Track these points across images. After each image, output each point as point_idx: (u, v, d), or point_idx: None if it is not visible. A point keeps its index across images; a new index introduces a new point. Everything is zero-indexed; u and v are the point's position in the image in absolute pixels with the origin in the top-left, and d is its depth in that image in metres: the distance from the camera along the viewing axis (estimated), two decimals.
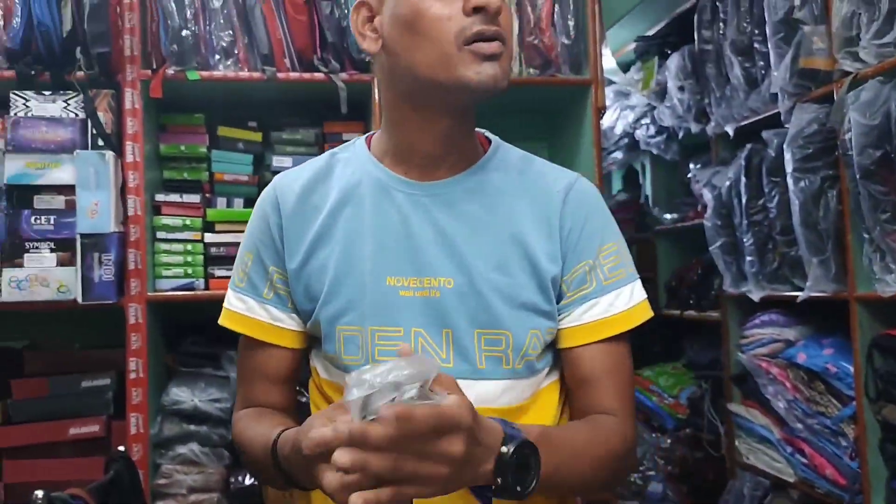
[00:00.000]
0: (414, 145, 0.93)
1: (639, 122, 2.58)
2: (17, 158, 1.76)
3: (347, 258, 0.93)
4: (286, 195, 0.96)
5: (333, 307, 0.92)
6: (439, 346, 0.90)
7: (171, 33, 1.83)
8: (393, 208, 0.93)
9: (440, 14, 0.85)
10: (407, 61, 0.87)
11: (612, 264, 0.95)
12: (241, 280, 0.99)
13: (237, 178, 1.95)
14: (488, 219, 0.93)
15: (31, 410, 1.79)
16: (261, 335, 0.97)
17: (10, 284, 1.72)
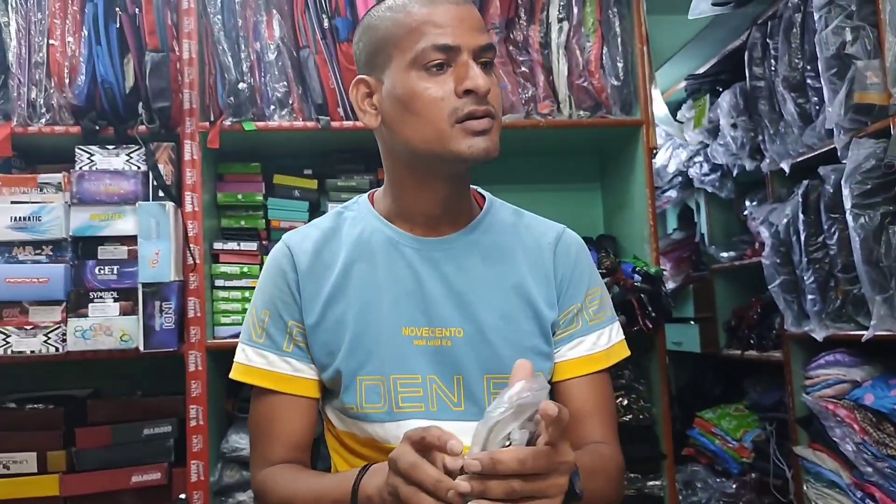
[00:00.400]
0: (416, 207, 1.01)
1: (692, 160, 2.55)
2: (82, 211, 1.81)
3: (365, 312, 0.98)
4: (299, 253, 1.01)
5: (355, 359, 0.97)
6: (451, 392, 0.97)
7: (228, 86, 1.88)
8: (403, 262, 1.00)
9: (434, 96, 0.92)
10: (404, 136, 0.95)
11: (595, 307, 1.06)
12: (260, 336, 1.02)
13: (293, 225, 1.97)
14: (491, 271, 1.01)
15: (95, 459, 1.81)
16: (285, 388, 1.00)
17: (76, 334, 1.76)
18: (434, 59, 0.91)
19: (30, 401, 1.90)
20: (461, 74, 0.91)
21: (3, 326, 1.75)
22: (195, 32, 1.88)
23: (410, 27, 0.92)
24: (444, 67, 0.92)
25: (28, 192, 1.83)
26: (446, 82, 0.92)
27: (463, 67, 0.91)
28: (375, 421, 0.96)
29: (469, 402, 0.97)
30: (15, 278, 1.76)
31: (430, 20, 0.92)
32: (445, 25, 0.91)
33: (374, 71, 0.97)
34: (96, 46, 1.84)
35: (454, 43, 0.91)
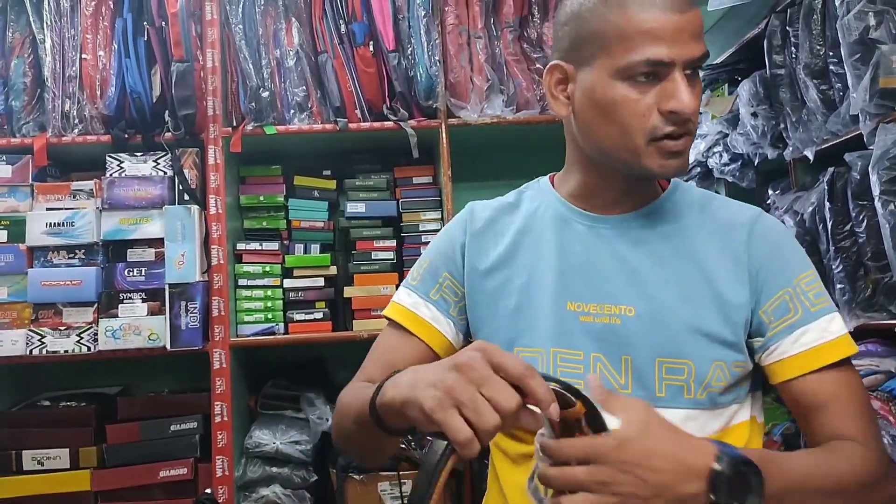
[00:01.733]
0: (595, 190, 0.98)
1: (711, 150, 2.52)
2: (112, 216, 1.89)
3: (529, 283, 0.97)
4: (475, 219, 1.04)
5: (514, 328, 0.96)
6: (618, 372, 0.91)
7: (250, 92, 1.94)
8: (574, 237, 0.97)
9: (636, 110, 0.87)
10: (596, 138, 0.92)
11: (815, 291, 0.92)
12: (415, 279, 1.05)
13: (313, 225, 2.02)
14: (670, 250, 0.94)
15: (124, 454, 1.86)
16: (415, 328, 1.01)
17: (106, 334, 1.83)
18: (644, 73, 0.86)
19: (63, 399, 1.97)
20: (668, 91, 0.86)
21: (38, 327, 1.83)
22: (218, 42, 1.95)
23: (625, 33, 0.85)
24: (653, 79, 0.86)
25: (62, 198, 1.91)
26: (650, 96, 0.86)
27: (671, 84, 0.86)
28: None
29: (637, 385, 0.90)
30: (50, 281, 1.84)
31: (647, 30, 0.85)
32: (663, 37, 0.84)
33: (574, 61, 0.92)
34: (125, 59, 1.92)
35: (669, 58, 0.85)
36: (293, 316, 1.94)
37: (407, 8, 1.96)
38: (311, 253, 2.00)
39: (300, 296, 1.95)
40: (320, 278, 1.96)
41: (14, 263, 1.86)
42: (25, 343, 1.82)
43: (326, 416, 1.87)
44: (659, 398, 0.89)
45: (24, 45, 1.97)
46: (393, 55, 1.95)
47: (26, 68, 1.96)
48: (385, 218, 2.01)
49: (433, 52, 1.94)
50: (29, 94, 1.95)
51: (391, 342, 1.02)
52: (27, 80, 1.95)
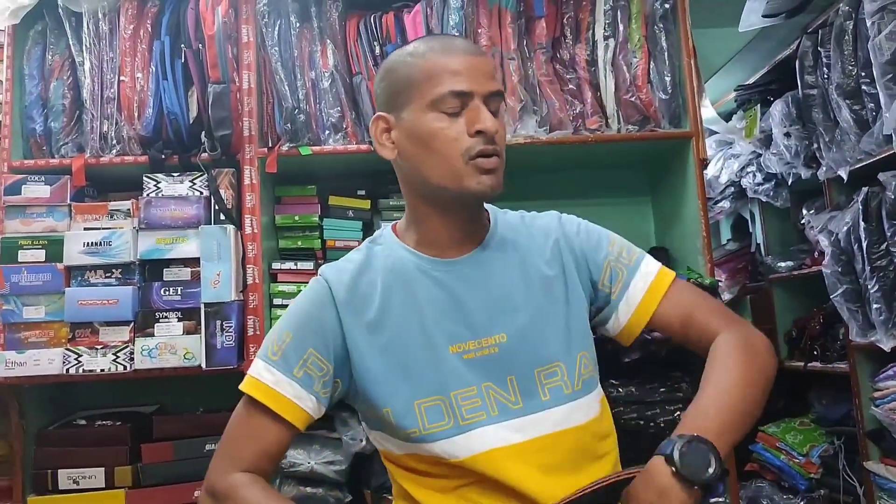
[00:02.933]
0: (436, 234, 1.08)
1: (744, 170, 2.52)
2: (149, 235, 1.90)
3: (407, 339, 1.04)
4: (337, 289, 1.06)
5: (410, 386, 1.02)
6: (507, 392, 1.03)
7: (285, 113, 1.96)
8: (436, 286, 1.06)
9: (449, 135, 1.00)
10: (422, 171, 1.03)
11: (625, 250, 1.13)
12: (275, 354, 1.05)
13: (348, 244, 2.03)
14: (515, 273, 1.08)
15: (158, 474, 1.86)
16: (279, 408, 1.02)
17: (142, 353, 1.84)
18: (450, 103, 1.00)
19: (99, 418, 1.98)
20: (473, 117, 1.00)
21: (75, 346, 1.84)
22: (254, 64, 1.98)
23: (430, 73, 1.01)
24: (459, 111, 1.01)
25: (100, 218, 1.92)
26: (460, 124, 1.00)
27: (474, 111, 1.00)
28: (442, 438, 1.00)
29: (525, 398, 1.02)
30: (87, 300, 1.85)
31: (447, 68, 1.01)
32: (461, 73, 1.00)
33: (394, 109, 1.05)
34: (163, 81, 1.95)
35: (468, 89, 1.00)
36: None
37: (441, 30, 1.98)
38: None
39: None
40: None
41: (51, 282, 1.87)
42: (62, 362, 1.83)
43: (360, 436, 1.86)
44: (545, 402, 1.02)
45: (63, 67, 2.00)
46: None
47: (65, 90, 1.98)
48: None
49: None
50: (68, 116, 1.98)
51: (256, 424, 1.04)
52: (66, 101, 1.98)
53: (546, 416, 1.02)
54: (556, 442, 1.01)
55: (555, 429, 1.01)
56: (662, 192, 2.23)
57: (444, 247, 1.07)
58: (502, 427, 1.00)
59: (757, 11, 2.16)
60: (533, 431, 1.01)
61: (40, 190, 1.92)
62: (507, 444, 1.00)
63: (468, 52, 1.04)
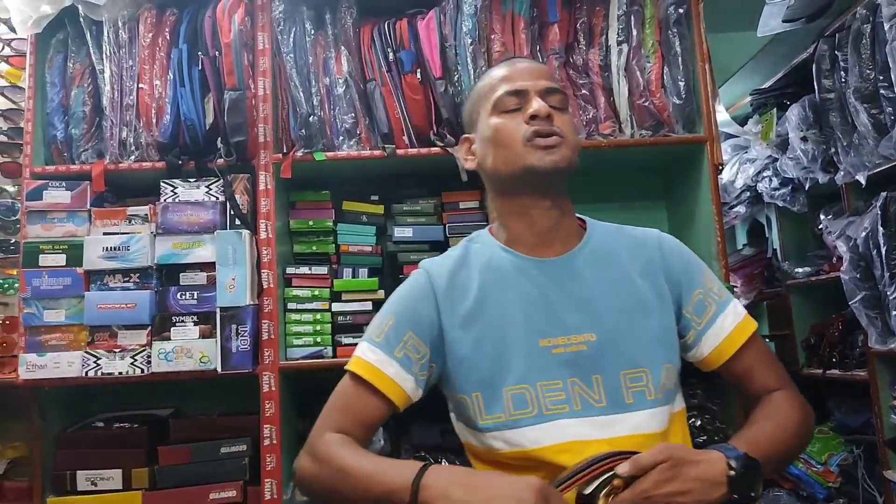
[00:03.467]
0: (524, 233, 1.17)
1: (760, 174, 2.50)
2: (166, 240, 1.92)
3: (501, 330, 1.11)
4: (437, 279, 1.17)
5: (498, 373, 1.10)
6: (592, 391, 1.09)
7: (300, 119, 1.98)
8: (530, 283, 1.14)
9: (509, 127, 1.14)
10: (492, 166, 1.17)
11: (718, 286, 1.19)
12: (379, 336, 1.15)
13: (361, 250, 2.04)
14: (608, 279, 1.14)
15: (175, 476, 1.88)
16: (380, 385, 1.12)
17: (159, 356, 1.86)
18: (508, 103, 1.15)
19: (116, 420, 2.00)
20: (528, 108, 1.14)
21: (94, 349, 1.87)
22: (269, 71, 2.00)
23: (491, 85, 1.19)
24: (518, 108, 1.15)
25: (118, 223, 1.95)
26: (519, 118, 1.14)
27: (529, 103, 1.14)
28: (525, 426, 1.08)
29: (609, 398, 1.09)
30: (106, 304, 1.88)
31: (504, 76, 1.18)
32: (514, 76, 1.17)
33: (472, 128, 1.23)
34: (180, 88, 1.97)
35: (522, 87, 1.15)
36: (341, 339, 1.95)
37: (454, 36, 1.99)
38: (360, 277, 2.01)
39: (348, 319, 1.97)
40: (368, 302, 1.98)
41: (72, 287, 1.90)
42: (82, 365, 1.85)
43: (378, 437, 1.87)
44: (628, 405, 1.08)
45: (84, 75, 2.04)
46: (440, 82, 1.97)
47: (86, 97, 2.02)
48: (432, 242, 2.03)
49: (480, 78, 1.96)
50: (88, 123, 2.01)
51: (357, 397, 1.13)
52: (87, 108, 2.01)
53: (627, 418, 1.07)
54: (633, 445, 1.04)
55: (633, 431, 1.06)
56: (677, 197, 2.22)
57: (534, 245, 1.17)
58: (583, 422, 1.07)
59: (777, 16, 2.14)
60: (612, 431, 1.07)
61: (61, 195, 1.95)
62: (586, 438, 1.06)
63: (522, 61, 1.21)
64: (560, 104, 1.16)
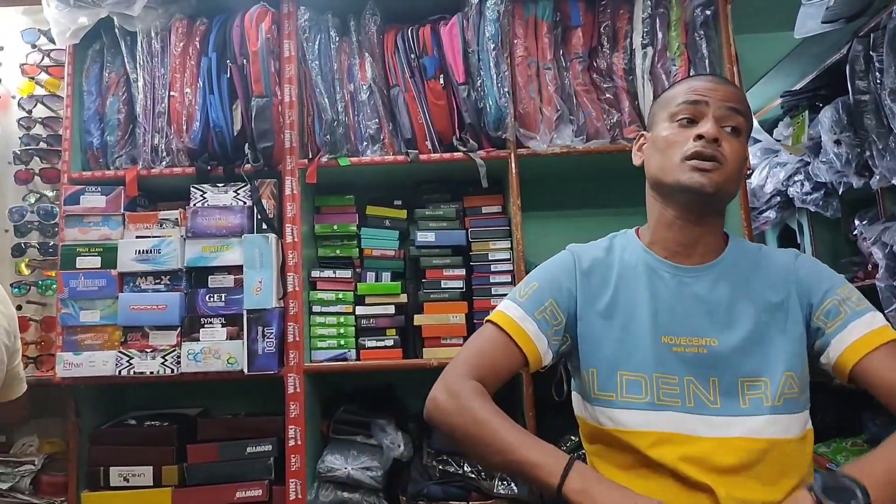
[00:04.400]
0: (669, 240, 1.24)
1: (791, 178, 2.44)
2: (195, 243, 1.97)
3: (630, 320, 1.19)
4: (581, 261, 1.27)
5: (619, 356, 1.18)
6: (707, 391, 1.13)
7: (325, 125, 2.01)
8: (662, 284, 1.21)
9: (677, 139, 1.20)
10: (652, 169, 1.25)
11: (856, 296, 1.17)
12: (522, 296, 1.24)
13: (384, 254, 2.06)
14: (738, 292, 1.19)
15: (203, 474, 1.93)
16: (518, 339, 1.19)
17: (188, 356, 1.91)
18: (684, 112, 1.20)
19: (147, 418, 2.06)
20: (699, 126, 1.18)
21: (127, 349, 1.93)
22: (295, 78, 2.03)
23: (675, 93, 1.24)
24: (692, 123, 1.19)
25: (150, 227, 2.01)
26: (689, 132, 1.18)
27: (703, 120, 1.18)
28: (634, 409, 1.14)
29: (724, 401, 1.13)
30: (138, 305, 1.94)
31: (688, 87, 1.23)
32: (698, 89, 1.21)
33: (650, 128, 1.30)
34: (209, 95, 2.02)
35: (701, 98, 1.19)
36: (365, 343, 1.98)
37: (476, 42, 2.00)
38: (383, 281, 2.04)
39: (372, 323, 1.99)
40: (391, 306, 2.00)
41: (106, 288, 1.96)
42: (115, 364, 1.91)
43: (398, 442, 1.90)
44: (744, 409, 1.11)
45: (118, 83, 2.10)
46: (463, 88, 1.98)
47: (120, 105, 2.08)
48: (454, 247, 2.04)
49: (502, 83, 1.96)
50: (122, 130, 2.08)
51: (495, 346, 1.19)
52: (121, 116, 2.08)
53: (741, 421, 1.10)
54: (743, 447, 1.08)
55: (747, 435, 1.09)
56: None
57: (674, 251, 1.23)
58: (694, 418, 1.11)
59: (815, 17, 2.08)
60: (724, 431, 1.10)
61: (97, 200, 2.01)
62: (692, 434, 1.10)
63: (712, 78, 1.23)
64: (738, 126, 1.19)
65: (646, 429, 1.13)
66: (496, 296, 1.97)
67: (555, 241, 2.13)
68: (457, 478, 1.83)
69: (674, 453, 1.09)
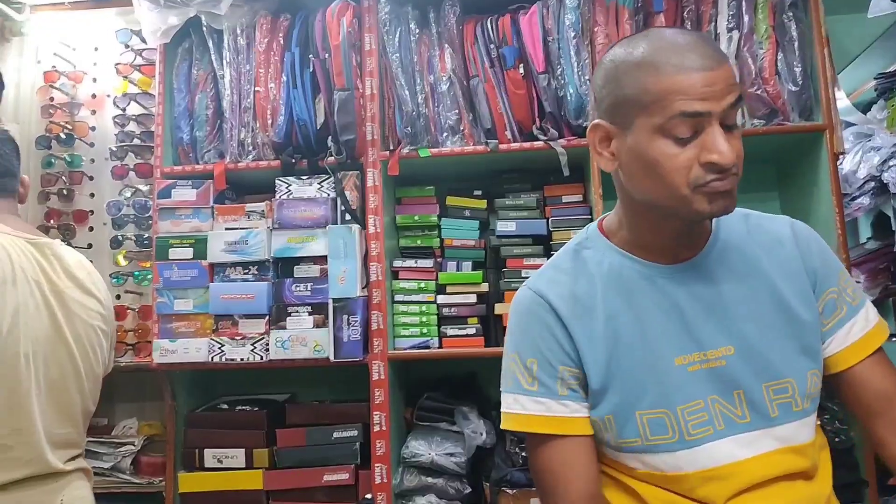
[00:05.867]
0: (654, 240, 1.04)
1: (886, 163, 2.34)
2: (282, 235, 2.03)
3: (633, 350, 1.01)
4: (555, 304, 1.04)
5: (632, 394, 1.00)
6: (734, 406, 1.00)
7: (405, 117, 2.03)
8: (660, 293, 1.03)
9: (677, 164, 0.92)
10: (643, 191, 0.98)
11: (852, 287, 1.07)
12: (531, 384, 1.04)
13: (465, 244, 2.08)
14: (742, 283, 1.03)
15: (292, 457, 2.00)
16: (568, 429, 1.02)
17: (276, 344, 1.97)
18: (681, 128, 0.91)
19: (238, 403, 2.14)
20: (707, 145, 0.90)
21: (218, 337, 2.00)
22: (376, 70, 2.06)
23: (660, 95, 0.91)
24: (691, 136, 0.91)
25: (238, 219, 2.08)
26: (691, 150, 0.91)
27: (709, 137, 0.90)
28: (665, 451, 0.99)
29: (753, 413, 0.99)
30: (228, 295, 2.01)
31: (680, 89, 0.90)
32: (696, 94, 0.90)
33: (615, 120, 0.98)
34: (293, 90, 2.07)
35: (704, 110, 0.90)
36: (447, 331, 2.00)
37: (557, 30, 1.99)
38: (463, 270, 2.06)
39: (453, 311, 2.01)
40: (472, 295, 2.02)
41: (198, 278, 2.04)
42: (208, 350, 2.00)
43: (481, 430, 1.92)
44: (773, 419, 0.99)
45: (206, 80, 2.17)
46: (543, 76, 1.98)
47: (208, 101, 2.16)
48: (535, 236, 2.04)
49: (583, 71, 1.95)
50: (210, 125, 2.15)
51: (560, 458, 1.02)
52: (209, 112, 2.15)
53: (773, 433, 0.99)
54: (781, 460, 0.99)
55: (781, 445, 0.99)
56: (791, 188, 2.13)
57: (660, 252, 1.04)
58: (730, 442, 0.98)
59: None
60: (758, 447, 0.98)
61: (187, 193, 2.09)
62: (733, 461, 0.98)
63: (705, 67, 0.90)
64: (736, 119, 0.95)
65: (682, 471, 0.99)
66: None
67: None
68: None
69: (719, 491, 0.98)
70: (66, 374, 1.34)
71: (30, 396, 1.26)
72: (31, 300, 1.29)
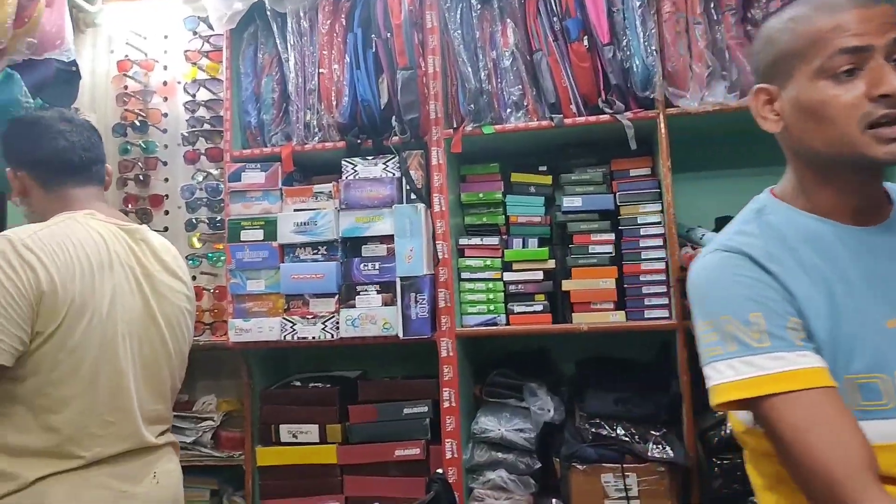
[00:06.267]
0: (835, 203, 0.99)
1: None
2: (349, 215, 2.07)
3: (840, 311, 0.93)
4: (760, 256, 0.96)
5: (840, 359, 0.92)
6: None
7: (469, 94, 2.03)
8: (858, 256, 0.96)
9: (846, 102, 0.90)
10: (812, 144, 0.95)
11: None
12: (760, 340, 0.91)
13: (530, 220, 2.08)
14: None
15: (364, 433, 2.05)
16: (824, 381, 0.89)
17: (346, 322, 2.01)
18: (843, 64, 0.90)
19: (311, 380, 2.20)
20: (874, 78, 0.89)
21: (290, 316, 2.06)
22: (438, 48, 2.06)
23: (814, 38, 0.92)
24: (855, 72, 0.90)
25: (306, 200, 2.12)
26: (857, 87, 0.90)
27: (876, 70, 0.89)
28: (878, 419, 0.90)
29: None
30: (299, 275, 2.06)
31: (836, 26, 0.90)
32: (851, 28, 0.89)
33: (775, 80, 0.98)
34: (356, 71, 2.09)
35: (864, 44, 0.89)
36: (514, 308, 2.01)
37: (621, 0, 1.94)
38: (529, 247, 2.05)
39: (520, 288, 2.02)
40: (539, 272, 2.02)
41: (269, 259, 2.09)
42: (280, 329, 2.05)
43: (548, 406, 1.93)
44: None
45: (272, 64, 2.21)
46: (608, 48, 1.94)
47: (274, 85, 2.19)
48: (602, 211, 2.02)
49: (649, 41, 1.91)
50: (276, 108, 2.19)
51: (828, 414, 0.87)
52: (275, 95, 2.19)
53: None
54: None
55: None
56: None
57: (844, 214, 0.98)
58: None
59: None
60: None
61: (256, 176, 2.14)
62: None
63: (860, 4, 0.90)
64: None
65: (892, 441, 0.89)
66: (646, 260, 1.94)
67: (708, 203, 2.07)
68: (610, 440, 1.84)
69: None
70: (157, 354, 1.41)
71: (128, 375, 1.33)
72: (125, 284, 1.35)
